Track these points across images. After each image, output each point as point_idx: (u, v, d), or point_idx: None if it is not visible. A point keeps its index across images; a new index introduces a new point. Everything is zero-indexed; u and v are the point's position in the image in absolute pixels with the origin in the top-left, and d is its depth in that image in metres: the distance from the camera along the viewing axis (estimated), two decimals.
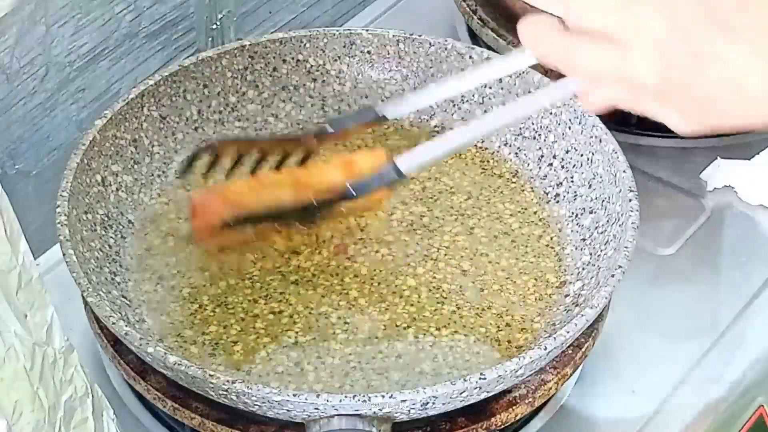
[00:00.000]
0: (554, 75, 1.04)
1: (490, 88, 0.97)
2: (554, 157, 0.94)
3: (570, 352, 0.83)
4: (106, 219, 0.88)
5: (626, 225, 0.85)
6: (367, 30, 1.00)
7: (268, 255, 0.88)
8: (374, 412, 0.74)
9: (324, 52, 1.00)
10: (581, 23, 0.69)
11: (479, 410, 0.80)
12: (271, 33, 1.06)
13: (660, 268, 0.98)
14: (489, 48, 1.05)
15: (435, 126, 0.99)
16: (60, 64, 1.01)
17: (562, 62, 0.71)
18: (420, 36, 0.99)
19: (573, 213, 0.91)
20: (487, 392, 0.77)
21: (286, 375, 0.81)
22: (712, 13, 0.65)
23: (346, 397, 0.73)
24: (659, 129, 1.08)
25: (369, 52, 1.00)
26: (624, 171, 0.88)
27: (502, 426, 0.81)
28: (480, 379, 0.74)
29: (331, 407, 0.73)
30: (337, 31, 0.99)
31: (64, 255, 0.80)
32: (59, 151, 1.03)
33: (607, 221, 0.88)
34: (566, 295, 0.86)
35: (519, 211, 0.93)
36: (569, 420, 0.87)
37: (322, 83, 1.00)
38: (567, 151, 0.94)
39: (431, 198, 0.94)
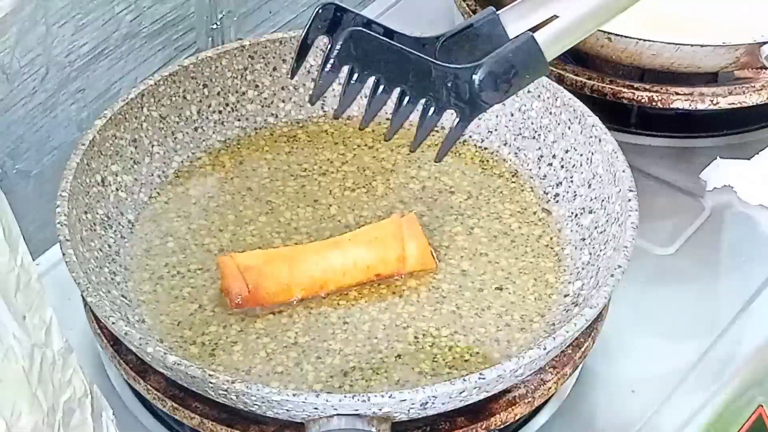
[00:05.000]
0: (553, 75, 1.05)
1: None
2: (554, 156, 0.94)
3: (569, 351, 0.83)
4: (105, 219, 0.88)
5: (626, 225, 0.85)
6: None
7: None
8: (374, 412, 0.74)
9: (324, 52, 0.99)
10: None
11: (479, 410, 0.80)
12: (271, 33, 1.06)
13: (659, 268, 0.98)
14: None
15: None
16: (60, 64, 1.01)
17: None
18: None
19: (572, 213, 0.91)
20: (487, 392, 0.77)
21: (285, 375, 0.81)
22: None
23: (345, 396, 0.73)
24: (659, 129, 1.09)
25: None
26: (623, 171, 0.88)
27: (502, 426, 0.81)
28: (479, 379, 0.74)
29: (330, 407, 0.73)
30: None
31: (63, 255, 0.80)
32: (59, 151, 1.03)
33: (607, 221, 0.88)
34: (566, 295, 0.86)
35: (518, 211, 0.93)
36: (569, 420, 0.87)
37: None
38: (566, 151, 0.94)
39: (431, 198, 0.94)
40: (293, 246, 0.88)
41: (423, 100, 0.74)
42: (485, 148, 0.97)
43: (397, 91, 0.75)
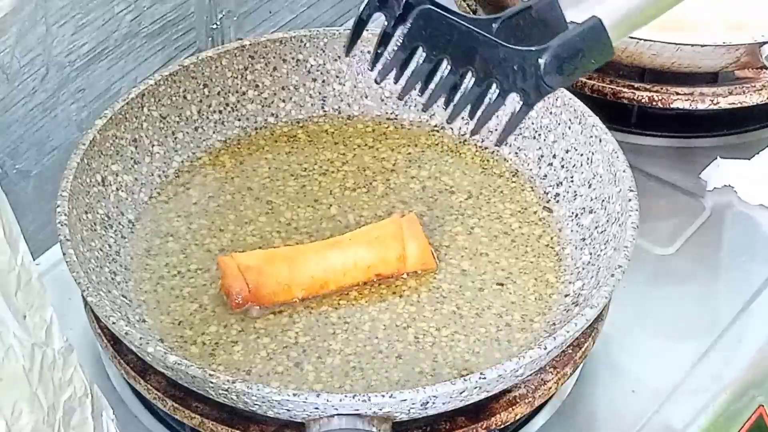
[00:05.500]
0: None
1: None
2: (554, 156, 0.94)
3: (570, 351, 0.83)
4: (106, 219, 0.88)
5: (626, 225, 0.85)
6: (367, 30, 1.00)
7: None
8: (374, 412, 0.74)
9: (324, 52, 0.99)
10: None
11: (479, 410, 0.80)
12: (271, 33, 1.06)
13: (660, 268, 0.98)
14: None
15: (435, 125, 0.99)
16: (60, 64, 1.01)
17: None
18: None
19: (573, 213, 0.91)
20: (487, 392, 0.77)
21: (286, 375, 0.81)
22: None
23: (346, 396, 0.73)
24: (659, 129, 1.09)
25: (369, 52, 0.99)
26: (624, 171, 0.88)
27: (502, 426, 0.81)
28: (480, 378, 0.74)
29: (331, 407, 0.73)
30: (337, 31, 0.99)
31: (64, 255, 0.80)
32: (59, 151, 1.03)
33: (607, 221, 0.88)
34: (566, 295, 0.86)
35: (519, 211, 0.93)
36: (569, 420, 0.87)
37: (322, 83, 1.00)
38: (567, 151, 0.94)
39: (431, 197, 0.94)
40: (293, 246, 0.88)
41: (487, 83, 0.73)
42: (485, 148, 0.97)
43: (454, 73, 0.73)
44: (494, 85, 0.73)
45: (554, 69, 0.71)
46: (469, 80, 0.73)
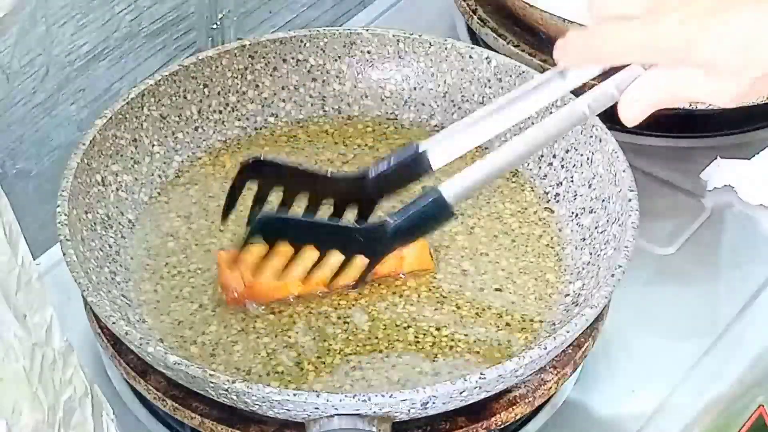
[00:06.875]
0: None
1: (490, 87, 0.97)
2: (554, 156, 0.94)
3: (570, 351, 0.83)
4: (106, 219, 0.88)
5: (626, 225, 0.85)
6: (367, 30, 1.00)
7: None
8: (374, 412, 0.74)
9: (324, 52, 1.00)
10: (606, 9, 0.70)
11: (479, 410, 0.80)
12: (271, 33, 1.06)
13: (660, 268, 0.98)
14: (489, 48, 1.05)
15: (435, 125, 0.99)
16: (60, 64, 1.01)
17: (594, 53, 0.72)
18: (420, 36, 0.99)
19: (573, 213, 0.91)
20: (487, 392, 0.77)
21: (286, 375, 0.81)
22: None
23: (346, 396, 0.73)
24: (659, 129, 1.09)
25: (369, 52, 1.00)
26: (624, 171, 0.88)
27: (502, 426, 0.81)
28: (480, 378, 0.74)
29: (331, 407, 0.73)
30: (337, 31, 0.99)
31: (64, 255, 0.80)
32: (59, 151, 1.03)
33: (607, 221, 0.88)
34: (566, 295, 0.86)
35: (519, 211, 0.93)
36: (569, 420, 0.87)
37: (322, 83, 1.00)
38: (567, 151, 0.94)
39: None
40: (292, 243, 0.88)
41: (337, 251, 0.81)
42: (485, 148, 0.97)
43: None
44: (346, 252, 0.81)
45: (399, 237, 0.80)
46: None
